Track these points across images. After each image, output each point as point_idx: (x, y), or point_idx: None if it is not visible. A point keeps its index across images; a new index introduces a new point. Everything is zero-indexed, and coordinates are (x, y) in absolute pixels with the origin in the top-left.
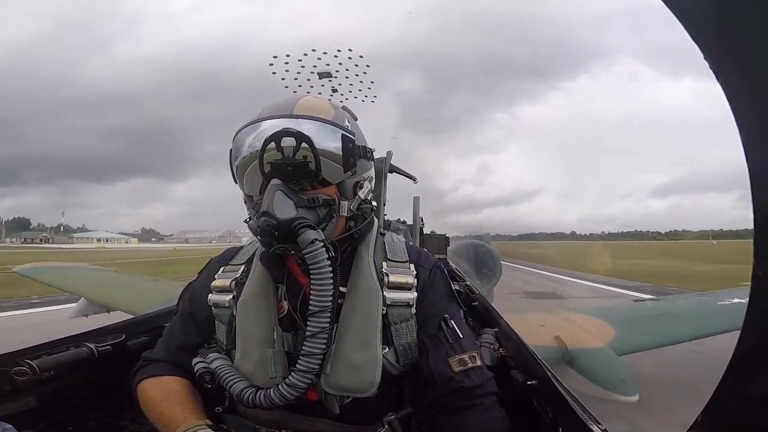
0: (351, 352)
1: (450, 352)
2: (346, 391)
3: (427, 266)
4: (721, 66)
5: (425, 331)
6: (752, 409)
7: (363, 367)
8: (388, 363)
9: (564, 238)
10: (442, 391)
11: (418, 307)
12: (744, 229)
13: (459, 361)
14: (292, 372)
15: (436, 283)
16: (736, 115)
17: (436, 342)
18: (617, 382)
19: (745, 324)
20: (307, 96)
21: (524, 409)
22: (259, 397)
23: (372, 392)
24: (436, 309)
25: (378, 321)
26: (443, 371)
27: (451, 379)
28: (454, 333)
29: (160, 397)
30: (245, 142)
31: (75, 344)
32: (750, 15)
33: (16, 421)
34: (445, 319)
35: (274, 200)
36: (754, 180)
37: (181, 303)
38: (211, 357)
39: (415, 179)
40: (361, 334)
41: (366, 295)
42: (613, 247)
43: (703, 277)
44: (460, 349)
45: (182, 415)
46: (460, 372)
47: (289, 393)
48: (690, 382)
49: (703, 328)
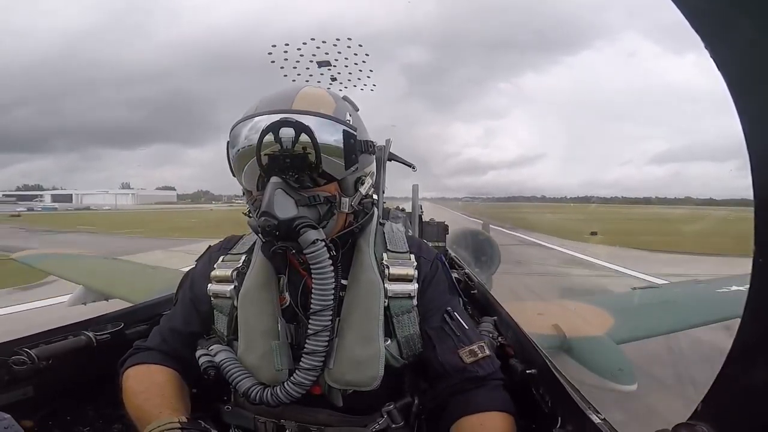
0: (354, 346)
1: (459, 344)
2: (350, 385)
3: (428, 258)
4: (722, 55)
5: (429, 324)
6: (752, 397)
7: (366, 361)
8: (390, 356)
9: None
10: (454, 381)
11: (420, 299)
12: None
13: (469, 352)
14: (297, 370)
15: (438, 275)
16: (737, 102)
17: (442, 335)
18: (616, 371)
19: (745, 312)
20: (306, 87)
21: (523, 397)
22: (267, 395)
23: (375, 386)
24: (439, 302)
25: (380, 314)
26: (455, 363)
27: (464, 370)
28: (459, 325)
29: (140, 388)
30: (242, 134)
31: (73, 333)
32: (750, 3)
33: (14, 411)
34: (449, 311)
35: (275, 199)
36: (755, 169)
37: (182, 291)
38: (214, 349)
39: (414, 167)
40: (363, 329)
41: (367, 288)
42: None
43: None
44: (468, 341)
45: (158, 410)
46: (472, 363)
47: (296, 391)
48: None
49: (702, 316)
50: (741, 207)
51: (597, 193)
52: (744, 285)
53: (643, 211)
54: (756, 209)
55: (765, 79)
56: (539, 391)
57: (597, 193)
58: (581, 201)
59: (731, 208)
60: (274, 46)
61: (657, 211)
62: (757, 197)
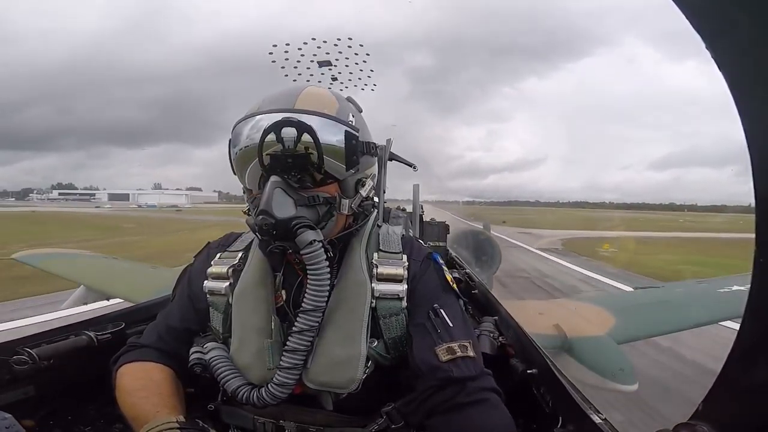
0: (333, 346)
1: (438, 341)
2: (327, 386)
3: (418, 258)
4: (723, 55)
5: (413, 321)
6: (753, 397)
7: (344, 362)
8: (378, 355)
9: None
10: (430, 383)
11: (409, 299)
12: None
13: (447, 349)
14: (278, 370)
15: (427, 274)
16: (738, 103)
17: (422, 331)
18: (617, 371)
19: (746, 312)
20: (309, 87)
21: (524, 397)
22: (253, 396)
23: (353, 389)
24: (425, 300)
25: (365, 314)
26: (429, 360)
27: (437, 369)
28: (443, 322)
29: (136, 385)
30: (244, 133)
31: (75, 332)
32: (750, 4)
33: (15, 411)
34: (435, 308)
35: (273, 198)
36: (756, 168)
37: (180, 287)
38: (208, 346)
39: (415, 167)
40: (344, 329)
41: (354, 288)
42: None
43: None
44: (449, 338)
45: (155, 409)
46: (447, 361)
47: (280, 392)
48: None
49: (703, 316)
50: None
51: (593, 196)
52: (745, 285)
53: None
54: (757, 208)
55: (765, 79)
56: (540, 391)
57: (592, 197)
58: (573, 206)
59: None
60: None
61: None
62: (757, 196)
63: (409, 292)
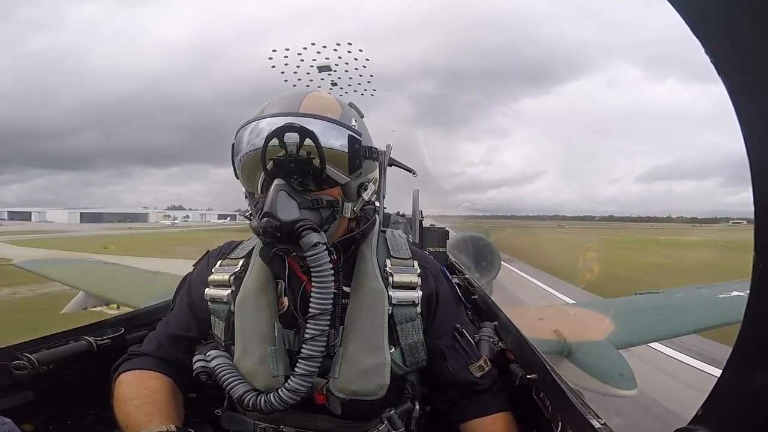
0: (360, 355)
1: (469, 361)
2: (357, 394)
3: (433, 272)
4: (722, 59)
5: (443, 342)
6: (752, 402)
7: (372, 370)
8: (394, 364)
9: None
10: (465, 390)
11: (429, 315)
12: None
13: (479, 367)
14: (292, 376)
15: (446, 292)
16: (737, 108)
17: (454, 352)
18: (616, 376)
19: (745, 317)
20: (314, 91)
21: (524, 402)
22: (260, 401)
23: (381, 395)
24: (448, 318)
25: (385, 322)
26: (467, 378)
27: (475, 384)
28: (468, 342)
29: (132, 394)
30: (247, 137)
31: (74, 338)
32: (750, 7)
33: (14, 415)
34: (458, 328)
35: (278, 200)
36: (755, 173)
37: (179, 296)
38: (211, 354)
39: (414, 173)
40: (369, 338)
41: (371, 296)
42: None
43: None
44: (476, 356)
45: (148, 418)
46: (481, 376)
47: (290, 398)
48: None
49: (702, 321)
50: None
51: (596, 209)
52: (744, 290)
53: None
54: (756, 214)
55: (765, 84)
56: (540, 396)
57: (595, 210)
58: (549, 218)
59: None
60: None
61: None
62: (756, 202)
63: (426, 304)
